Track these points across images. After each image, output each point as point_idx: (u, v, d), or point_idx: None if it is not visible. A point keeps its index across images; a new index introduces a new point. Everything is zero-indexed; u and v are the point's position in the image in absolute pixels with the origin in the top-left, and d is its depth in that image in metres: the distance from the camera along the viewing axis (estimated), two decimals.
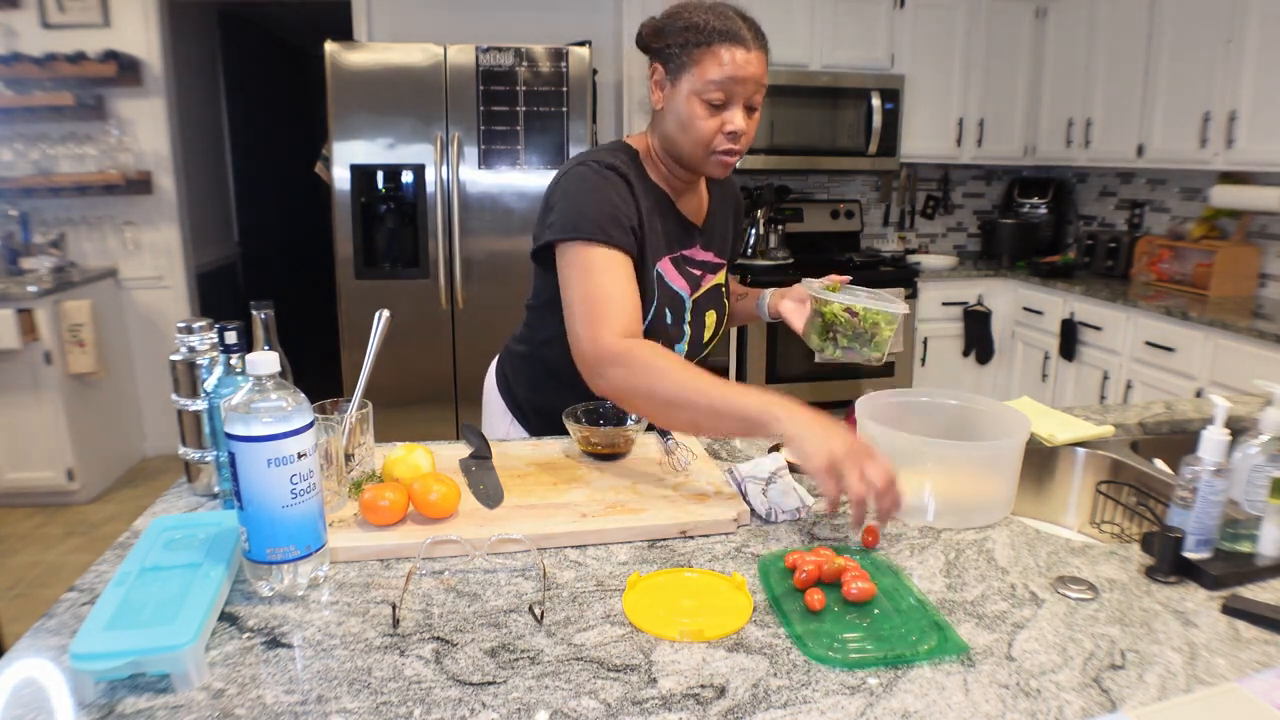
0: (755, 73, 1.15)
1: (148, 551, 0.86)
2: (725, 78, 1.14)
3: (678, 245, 1.32)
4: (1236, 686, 0.73)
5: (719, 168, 1.22)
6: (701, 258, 1.36)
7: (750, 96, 1.17)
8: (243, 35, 4.83)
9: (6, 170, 3.50)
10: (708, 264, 1.38)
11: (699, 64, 1.15)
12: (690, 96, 1.16)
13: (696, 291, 1.35)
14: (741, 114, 1.17)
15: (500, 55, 3.13)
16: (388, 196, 3.22)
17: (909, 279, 3.73)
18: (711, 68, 1.14)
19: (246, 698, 0.69)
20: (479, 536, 0.95)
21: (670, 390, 1.04)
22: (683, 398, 1.03)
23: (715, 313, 1.40)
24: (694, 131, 1.18)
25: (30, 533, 3.19)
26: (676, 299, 1.31)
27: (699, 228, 1.36)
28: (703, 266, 1.36)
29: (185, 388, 1.07)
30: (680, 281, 1.31)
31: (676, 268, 1.31)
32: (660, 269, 1.28)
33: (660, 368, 1.06)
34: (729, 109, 1.17)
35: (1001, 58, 4.01)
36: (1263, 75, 2.90)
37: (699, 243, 1.36)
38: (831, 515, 1.07)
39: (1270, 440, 0.99)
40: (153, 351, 3.86)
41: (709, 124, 1.17)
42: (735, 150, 1.19)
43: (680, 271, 1.32)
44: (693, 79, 1.16)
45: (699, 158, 1.21)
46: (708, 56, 1.14)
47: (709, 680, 0.73)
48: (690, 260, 1.34)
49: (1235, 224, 3.34)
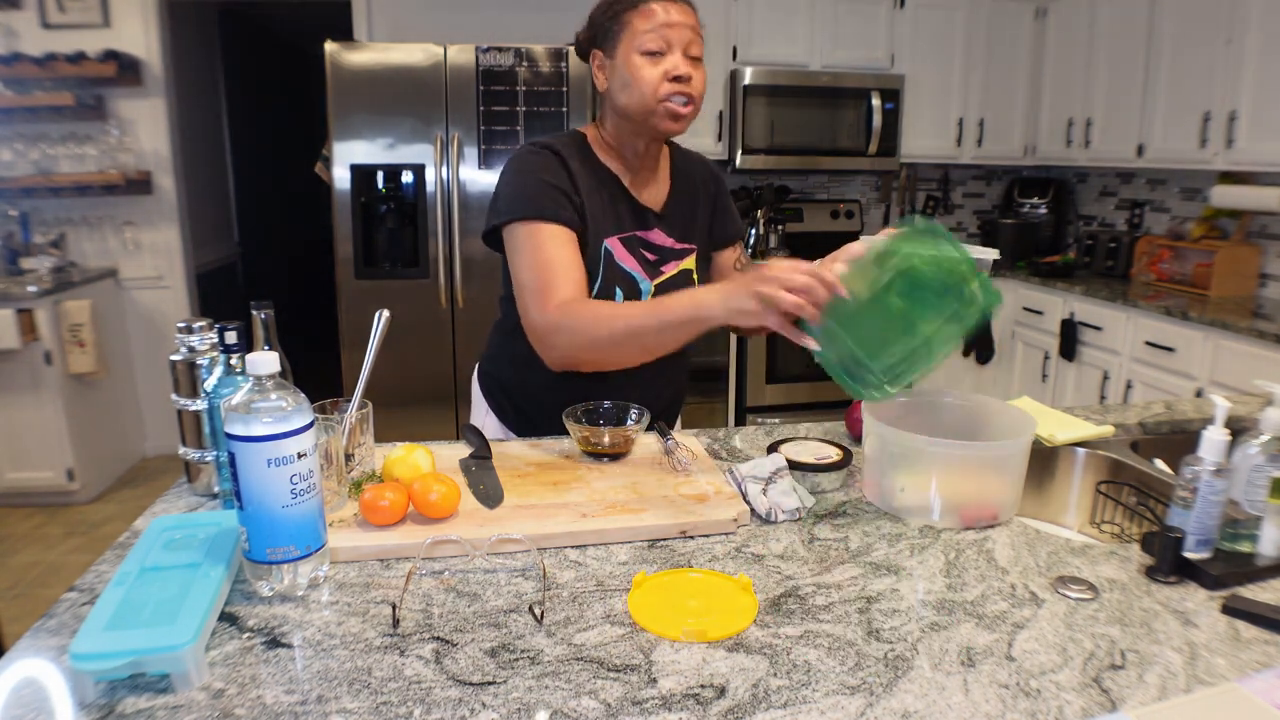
0: (686, 20, 1.18)
1: (148, 551, 0.86)
2: (656, 24, 1.17)
3: (629, 226, 1.30)
4: (1236, 686, 0.73)
5: (670, 118, 1.20)
6: (661, 242, 1.34)
7: (687, 45, 1.18)
8: (243, 35, 4.83)
9: (6, 170, 3.50)
10: (669, 250, 1.35)
11: (629, 25, 1.19)
12: (629, 55, 1.19)
13: (658, 277, 1.33)
14: (684, 60, 1.18)
15: (500, 55, 3.13)
16: (388, 196, 3.21)
17: None
18: (642, 23, 1.18)
19: (246, 698, 0.69)
20: (479, 536, 0.95)
21: (608, 333, 1.09)
22: (622, 333, 1.09)
23: None
24: (639, 84, 1.19)
25: (30, 533, 3.19)
26: (629, 280, 1.29)
27: (656, 212, 1.33)
28: (661, 252, 1.34)
29: (185, 388, 1.07)
30: (632, 262, 1.30)
31: (629, 249, 1.30)
32: (608, 246, 1.27)
33: (593, 315, 1.10)
34: (669, 55, 1.18)
35: (1001, 58, 4.01)
36: (1263, 75, 2.90)
37: (657, 227, 1.33)
38: (833, 516, 1.07)
39: (1270, 440, 0.99)
40: (153, 351, 3.86)
41: (652, 72, 1.18)
42: (684, 95, 1.19)
43: (633, 253, 1.30)
44: (628, 40, 1.19)
45: (650, 110, 1.20)
46: (635, 16, 1.19)
47: (709, 680, 0.73)
48: (646, 244, 1.32)
49: (1235, 224, 3.34)
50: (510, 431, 1.45)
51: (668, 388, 1.43)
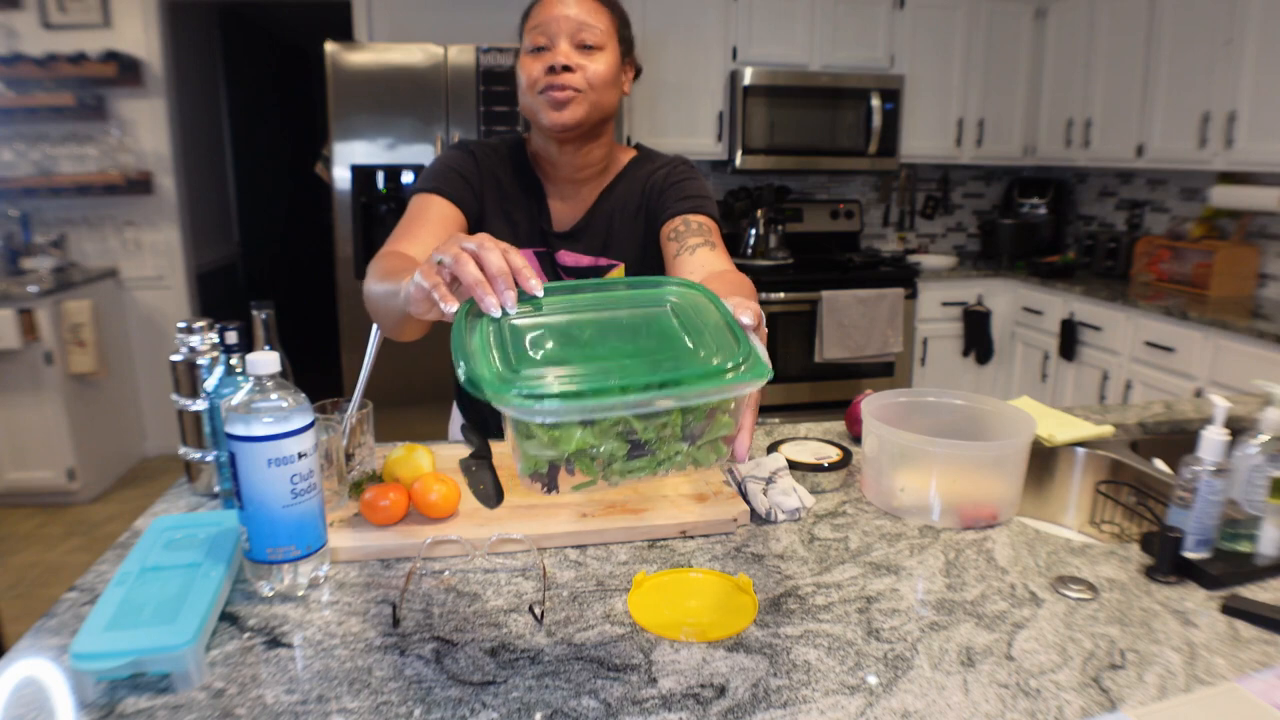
0: (570, 12, 1.16)
1: (148, 551, 0.86)
2: (539, 21, 1.17)
3: (539, 241, 1.27)
4: (1236, 686, 0.73)
5: (549, 106, 1.15)
6: (573, 263, 1.27)
7: (574, 34, 1.15)
8: (243, 35, 4.83)
9: (7, 170, 3.50)
10: (584, 269, 1.27)
11: (525, 26, 1.20)
12: (523, 58, 1.20)
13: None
14: (567, 50, 1.15)
15: (500, 55, 3.13)
16: (388, 197, 3.22)
17: (909, 279, 3.73)
18: (531, 21, 1.18)
19: (247, 697, 0.70)
20: (479, 536, 0.95)
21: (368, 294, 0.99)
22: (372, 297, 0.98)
23: None
24: (523, 81, 1.19)
25: (31, 533, 3.19)
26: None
27: (559, 233, 1.27)
28: (574, 272, 1.27)
29: (185, 388, 1.07)
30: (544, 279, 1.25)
31: (541, 264, 1.27)
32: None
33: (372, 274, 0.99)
34: (551, 49, 1.16)
35: (1001, 58, 4.01)
36: (1263, 75, 2.90)
37: (563, 247, 1.27)
38: (833, 516, 1.07)
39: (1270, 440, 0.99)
40: (153, 351, 3.86)
41: (534, 66, 1.17)
42: (561, 85, 1.14)
43: (546, 270, 1.27)
44: (523, 43, 1.20)
45: (533, 105, 1.18)
46: (530, 16, 1.19)
47: (709, 680, 0.73)
48: (558, 263, 1.27)
49: (1235, 224, 3.34)
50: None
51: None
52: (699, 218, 1.21)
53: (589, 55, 1.16)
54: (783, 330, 3.61)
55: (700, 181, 1.28)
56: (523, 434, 0.63)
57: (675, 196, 1.24)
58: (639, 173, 1.29)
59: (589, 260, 1.28)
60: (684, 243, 1.17)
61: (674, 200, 1.24)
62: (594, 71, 1.16)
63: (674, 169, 1.28)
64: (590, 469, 0.65)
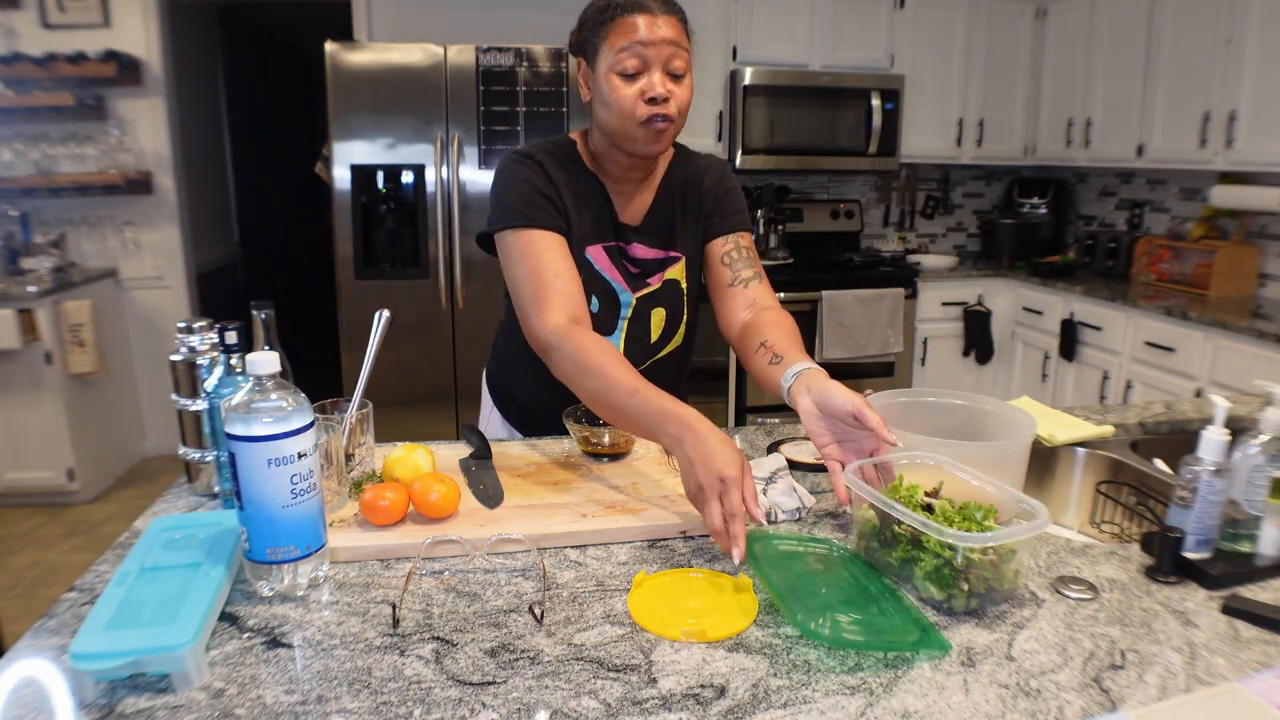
0: (666, 35, 1.15)
1: (148, 551, 0.86)
2: (633, 43, 1.14)
3: (611, 236, 1.30)
4: (1236, 686, 0.73)
5: (651, 138, 1.18)
6: (643, 256, 1.32)
7: (667, 61, 1.15)
8: (243, 35, 4.83)
9: (7, 170, 3.50)
10: (652, 262, 1.33)
11: (608, 39, 1.16)
12: (608, 74, 1.17)
13: (641, 289, 1.31)
14: (661, 78, 1.16)
15: (500, 55, 3.13)
16: (388, 196, 3.22)
17: (909, 279, 3.73)
18: (619, 39, 1.15)
19: (246, 698, 0.69)
20: (479, 536, 0.95)
21: (584, 383, 1.08)
22: (593, 392, 1.07)
23: (665, 310, 1.34)
24: (616, 105, 1.17)
25: (30, 533, 3.19)
26: (609, 290, 1.29)
27: (634, 227, 1.31)
28: (644, 265, 1.32)
29: (185, 388, 1.07)
30: (614, 273, 1.29)
31: (611, 259, 1.29)
32: (589, 255, 1.27)
33: (580, 360, 1.08)
34: (645, 75, 1.16)
35: (1001, 58, 4.01)
36: (1263, 75, 2.90)
37: (636, 241, 1.31)
38: (833, 516, 1.07)
39: (1270, 440, 0.99)
40: (153, 351, 3.86)
41: (628, 93, 1.16)
42: (662, 116, 1.16)
43: (615, 264, 1.30)
44: (606, 56, 1.17)
45: (629, 133, 1.18)
46: (615, 30, 1.16)
47: (709, 680, 0.73)
48: (629, 257, 1.31)
49: (1235, 224, 3.34)
50: (516, 431, 1.45)
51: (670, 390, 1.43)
52: (746, 239, 1.34)
53: (678, 82, 1.18)
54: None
55: (739, 188, 1.38)
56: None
57: (728, 209, 1.34)
58: (686, 168, 1.36)
59: (657, 253, 1.32)
60: (737, 273, 1.31)
61: (727, 213, 1.34)
62: (682, 99, 1.18)
63: (723, 175, 1.37)
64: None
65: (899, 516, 0.85)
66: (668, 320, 1.35)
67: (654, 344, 1.35)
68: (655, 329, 1.34)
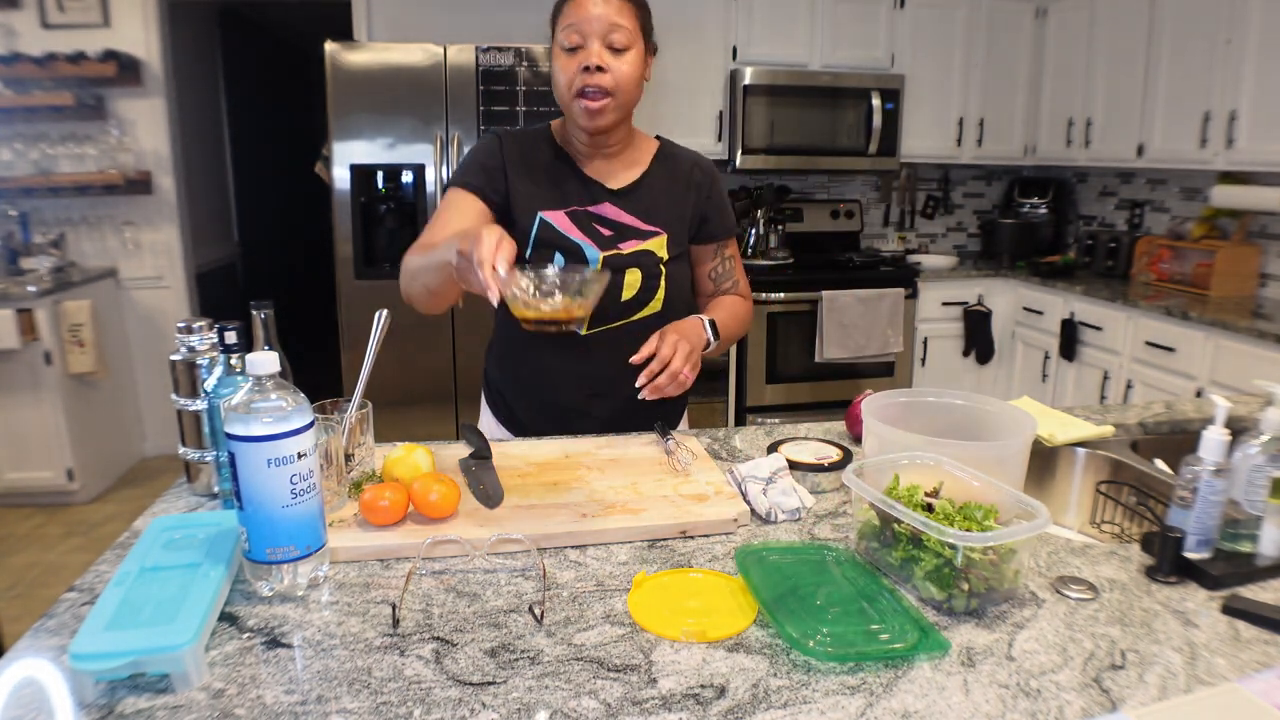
0: (603, 12, 1.22)
1: (147, 551, 0.86)
2: (572, 21, 1.23)
3: (575, 201, 1.35)
4: (1236, 686, 0.73)
5: (585, 114, 1.26)
6: (615, 218, 1.36)
7: (605, 34, 1.22)
8: (243, 35, 4.83)
9: (6, 170, 3.50)
10: (628, 227, 1.36)
11: (559, 20, 1.26)
12: (556, 54, 1.26)
13: (610, 250, 1.34)
14: (600, 50, 1.23)
15: (500, 55, 3.13)
16: (388, 196, 3.21)
17: (909, 279, 3.73)
18: (566, 18, 1.24)
19: (246, 698, 0.69)
20: (479, 536, 0.95)
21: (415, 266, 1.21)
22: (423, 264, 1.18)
23: (640, 272, 1.35)
24: (559, 80, 1.26)
25: (30, 533, 3.19)
26: (575, 248, 1.33)
27: (611, 189, 1.36)
28: (617, 228, 1.35)
29: (185, 388, 1.07)
30: (578, 234, 1.33)
31: (575, 221, 1.34)
32: (546, 218, 1.33)
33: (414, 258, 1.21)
34: (584, 49, 1.23)
35: (1001, 58, 4.00)
36: (1263, 75, 2.90)
37: (608, 202, 1.36)
38: (833, 516, 1.07)
39: (1270, 440, 0.99)
40: (153, 351, 3.86)
41: (568, 65, 1.24)
42: (596, 86, 1.23)
43: (581, 226, 1.34)
44: (557, 37, 1.26)
45: (569, 105, 1.27)
46: (562, 13, 1.25)
47: (709, 680, 0.73)
48: (599, 218, 1.35)
49: (1235, 224, 3.34)
50: (509, 433, 1.45)
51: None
52: (732, 247, 1.50)
53: (619, 56, 1.24)
54: (783, 330, 3.60)
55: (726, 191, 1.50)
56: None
57: (719, 216, 1.46)
58: (675, 159, 1.43)
59: (634, 221, 1.37)
60: (720, 285, 1.48)
61: (720, 218, 1.46)
62: (623, 73, 1.25)
63: (714, 178, 1.46)
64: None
65: (899, 516, 0.85)
66: (643, 283, 1.36)
67: (626, 302, 1.36)
68: (628, 289, 1.36)
